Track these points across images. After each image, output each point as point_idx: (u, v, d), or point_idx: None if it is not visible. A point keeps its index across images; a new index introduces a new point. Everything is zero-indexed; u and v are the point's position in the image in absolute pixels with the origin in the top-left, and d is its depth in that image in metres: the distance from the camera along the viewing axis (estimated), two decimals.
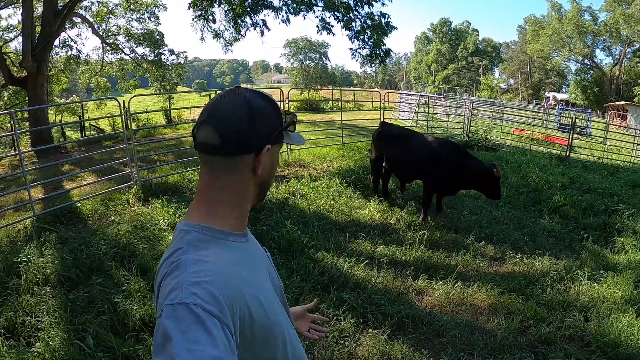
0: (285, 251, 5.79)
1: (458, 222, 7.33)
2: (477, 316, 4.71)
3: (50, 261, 5.34)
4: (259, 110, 1.19)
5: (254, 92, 1.24)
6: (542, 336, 4.28)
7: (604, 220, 7.56)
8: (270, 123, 1.22)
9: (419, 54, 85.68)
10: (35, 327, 4.21)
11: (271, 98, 1.26)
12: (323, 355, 3.87)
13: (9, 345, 3.91)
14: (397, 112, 22.50)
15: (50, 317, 4.29)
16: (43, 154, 13.83)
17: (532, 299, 4.99)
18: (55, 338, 3.95)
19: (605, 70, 58.41)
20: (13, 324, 4.26)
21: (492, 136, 15.55)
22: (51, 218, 7.07)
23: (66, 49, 24.09)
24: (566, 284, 5.39)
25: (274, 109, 1.25)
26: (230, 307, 1.02)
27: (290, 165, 10.47)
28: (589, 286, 5.30)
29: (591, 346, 4.15)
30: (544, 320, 4.55)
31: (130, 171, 8.58)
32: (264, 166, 1.22)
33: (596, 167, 12.11)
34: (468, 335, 4.31)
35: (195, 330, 0.92)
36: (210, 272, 1.04)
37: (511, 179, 9.67)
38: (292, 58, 67.26)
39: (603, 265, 5.95)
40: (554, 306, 4.87)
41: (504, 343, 4.16)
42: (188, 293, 0.97)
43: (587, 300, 5.03)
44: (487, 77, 72.24)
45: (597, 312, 4.70)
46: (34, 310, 4.44)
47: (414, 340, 4.17)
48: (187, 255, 1.09)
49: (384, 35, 13.79)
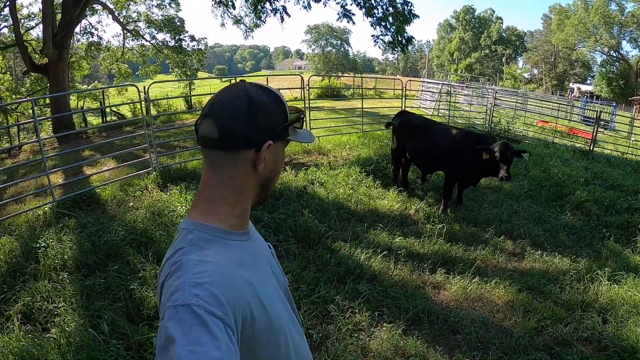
0: (302, 240, 5.78)
1: (478, 215, 7.23)
2: (494, 313, 4.64)
3: (68, 247, 5.39)
4: (261, 105, 1.17)
5: (258, 87, 1.22)
6: (559, 337, 4.22)
7: (626, 219, 7.40)
8: (273, 119, 1.19)
9: (442, 41, 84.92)
10: (52, 313, 4.25)
11: (276, 93, 1.23)
12: (337, 348, 3.84)
13: (25, 330, 3.95)
14: (418, 101, 22.30)
15: (66, 303, 4.34)
16: (64, 139, 14.00)
17: (550, 298, 4.91)
18: (71, 324, 3.99)
19: (631, 62, 57.21)
20: (30, 309, 4.31)
21: (515, 127, 15.33)
22: (70, 204, 7.13)
23: (87, 35, 24.36)
24: (585, 283, 5.28)
25: (278, 104, 1.22)
26: (233, 307, 1.02)
27: (309, 152, 10.41)
28: (608, 287, 5.19)
29: (608, 350, 4.07)
30: (562, 321, 4.48)
31: (150, 157, 8.61)
32: (266, 163, 1.20)
33: (620, 162, 11.86)
34: (484, 333, 4.26)
35: (197, 331, 0.92)
36: (212, 273, 1.04)
37: (533, 172, 9.52)
38: (313, 44, 67.24)
39: (624, 266, 5.82)
40: (572, 306, 4.78)
41: (519, 343, 4.10)
42: (190, 294, 0.97)
43: (606, 301, 4.93)
44: (511, 67, 71.24)
45: (616, 315, 4.60)
46: (51, 295, 4.48)
47: (428, 336, 4.14)
48: (189, 255, 1.08)
49: (406, 23, 13.62)
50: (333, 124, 13.59)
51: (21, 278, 4.85)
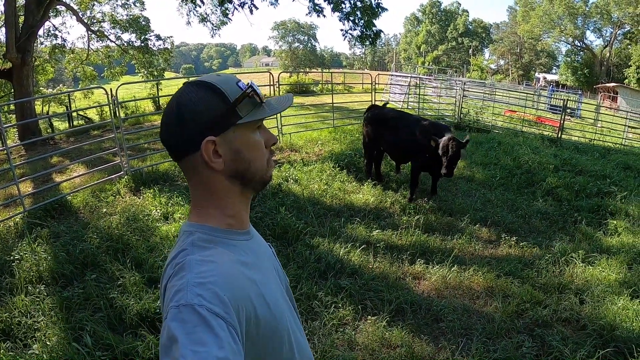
0: (281, 238, 5.79)
1: (452, 204, 7.33)
2: (475, 300, 4.72)
3: (43, 258, 5.26)
4: (188, 104, 1.12)
5: (191, 84, 1.16)
6: (539, 319, 4.30)
7: (596, 203, 7.58)
8: (207, 112, 1.12)
9: (409, 35, 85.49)
10: (32, 328, 4.15)
11: (209, 83, 1.15)
12: (324, 343, 3.86)
13: (5, 348, 3.86)
14: (387, 94, 22.41)
15: (46, 317, 4.25)
16: (31, 146, 13.67)
17: (528, 282, 5.01)
18: (52, 338, 3.92)
19: (595, 52, 58.58)
20: (9, 325, 4.20)
21: (484, 118, 15.54)
22: (42, 213, 6.94)
23: (51, 38, 23.87)
24: (561, 266, 5.40)
25: (214, 93, 1.13)
26: (236, 307, 1.01)
27: (281, 149, 10.40)
28: (583, 269, 5.32)
29: (587, 329, 4.17)
30: (540, 304, 4.57)
31: (120, 161, 8.47)
32: (224, 157, 1.14)
33: (588, 149, 12.10)
34: (466, 319, 4.33)
35: (200, 331, 0.91)
36: (214, 273, 1.03)
37: (504, 160, 9.67)
38: (280, 40, 67.04)
39: (597, 248, 5.98)
40: (549, 289, 4.89)
41: (501, 327, 4.18)
42: (193, 294, 0.96)
43: (582, 283, 5.06)
44: (477, 58, 72.05)
45: (592, 295, 4.71)
46: (29, 310, 4.38)
47: (413, 326, 4.18)
48: (191, 256, 1.07)
49: (374, 17, 13.70)
50: (303, 119, 13.57)
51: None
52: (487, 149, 10.63)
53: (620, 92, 38.06)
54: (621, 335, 4.01)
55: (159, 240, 5.70)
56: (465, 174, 8.91)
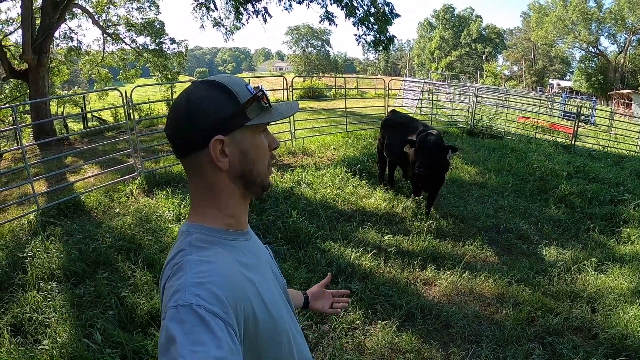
0: (292, 242, 5.79)
1: (464, 211, 7.30)
2: (485, 307, 4.70)
3: (55, 255, 5.33)
4: (199, 101, 1.13)
5: (201, 82, 1.18)
6: (550, 327, 4.27)
7: (610, 210, 7.51)
8: (218, 111, 1.13)
9: (422, 40, 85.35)
10: (42, 324, 4.19)
11: (220, 83, 1.17)
12: (332, 347, 3.87)
13: (16, 343, 3.90)
14: (400, 100, 22.39)
15: (57, 313, 4.28)
16: (46, 146, 13.82)
17: (539, 290, 4.97)
18: (63, 334, 3.95)
19: (610, 58, 58.02)
20: (20, 321, 4.24)
21: (497, 124, 15.47)
22: (55, 211, 7.03)
23: (67, 40, 24.07)
24: (573, 274, 5.36)
25: (224, 93, 1.15)
26: (234, 307, 1.02)
27: (294, 153, 10.43)
28: (595, 277, 5.27)
29: (598, 337, 4.13)
30: (552, 312, 4.54)
31: (134, 162, 8.55)
32: (230, 157, 1.15)
33: (601, 156, 12.01)
34: (476, 326, 4.31)
35: (199, 331, 0.91)
36: (213, 273, 1.03)
37: (517, 167, 9.62)
38: (294, 45, 67.17)
39: (609, 256, 5.92)
40: (561, 297, 4.85)
41: (512, 334, 4.15)
42: (191, 294, 0.97)
43: (594, 291, 5.01)
44: (491, 64, 71.78)
45: (604, 304, 4.68)
46: (40, 306, 4.42)
47: (422, 332, 4.17)
48: (189, 256, 1.08)
49: (387, 23, 13.70)
50: (316, 124, 13.59)
51: (9, 289, 4.78)
52: (500, 156, 10.60)
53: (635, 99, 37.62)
54: (633, 345, 3.97)
55: (171, 241, 5.73)
56: (478, 180, 8.88)
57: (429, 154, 6.40)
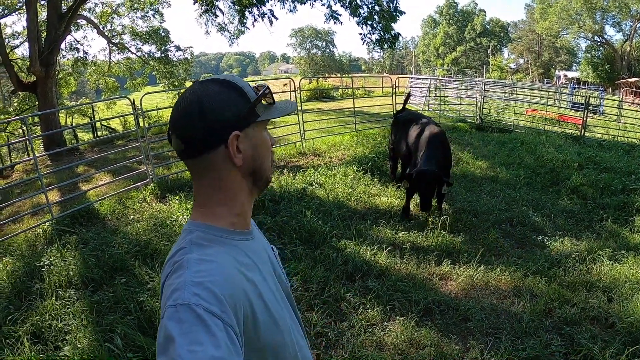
0: (307, 241, 5.83)
1: (477, 205, 7.29)
2: (502, 299, 4.71)
3: (72, 263, 5.40)
4: (211, 99, 1.14)
5: (208, 82, 1.19)
6: (567, 318, 4.28)
7: (622, 200, 7.48)
8: (232, 107, 1.15)
9: (426, 37, 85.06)
10: (62, 331, 4.24)
11: (229, 80, 1.20)
12: (352, 344, 3.90)
13: (36, 350, 3.95)
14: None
15: (76, 320, 4.34)
16: (57, 157, 13.97)
17: (555, 281, 4.97)
18: (83, 340, 4.00)
19: (616, 46, 57.52)
20: (39, 329, 4.30)
21: (505, 118, 15.44)
22: (69, 220, 7.12)
23: (73, 51, 24.35)
24: (588, 264, 5.35)
25: (234, 90, 1.18)
26: (233, 307, 1.01)
27: (305, 154, 10.47)
28: (610, 266, 5.25)
29: (616, 327, 4.14)
30: (568, 302, 4.54)
31: (146, 169, 8.62)
32: (244, 152, 1.17)
33: (612, 145, 11.97)
34: (494, 319, 4.32)
35: (197, 331, 0.91)
36: (212, 272, 1.03)
37: (527, 160, 9.61)
38: (298, 47, 67.34)
39: (624, 245, 5.89)
40: (577, 287, 4.85)
41: (530, 326, 4.16)
42: (190, 293, 0.97)
43: (609, 280, 5.00)
44: (496, 58, 71.51)
45: (620, 293, 4.67)
46: (59, 313, 4.48)
47: (441, 326, 4.20)
48: (190, 254, 1.08)
49: (392, 20, 13.72)
50: (325, 125, 13.61)
51: (27, 298, 4.85)
52: (510, 149, 10.59)
53: None
54: None
55: None
56: (489, 174, 8.88)
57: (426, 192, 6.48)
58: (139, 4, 25.07)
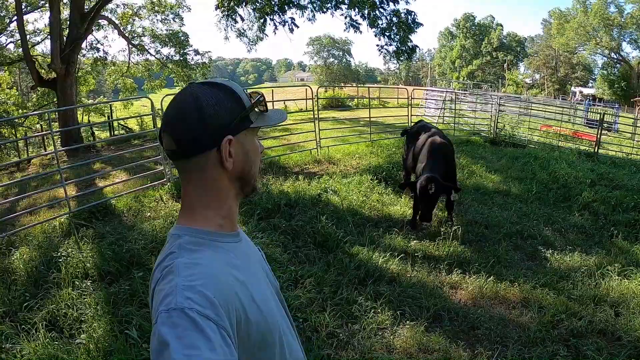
0: (321, 246, 5.96)
1: (488, 217, 7.36)
2: (510, 310, 4.79)
3: (89, 255, 5.54)
4: (208, 102, 1.13)
5: (205, 84, 1.19)
6: (574, 330, 4.34)
7: (633, 217, 7.51)
8: (227, 112, 1.15)
9: (443, 49, 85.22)
10: (78, 320, 4.35)
11: (226, 85, 1.20)
12: (363, 346, 4.00)
13: (51, 337, 4.05)
14: (423, 109, 22.44)
15: (92, 310, 4.45)
16: (73, 153, 14.16)
17: (563, 294, 5.04)
18: (99, 330, 4.11)
19: (632, 64, 57.26)
20: (55, 317, 4.42)
21: (519, 132, 15.46)
22: (86, 215, 7.27)
23: (93, 50, 24.65)
24: (597, 279, 5.40)
25: (231, 95, 1.18)
26: (226, 309, 1.02)
27: (320, 162, 10.61)
28: (619, 282, 5.31)
29: (622, 340, 4.20)
30: (576, 315, 4.61)
31: (163, 169, 8.77)
32: (235, 157, 1.17)
33: (625, 163, 11.97)
34: (502, 328, 4.41)
35: (191, 335, 0.91)
36: (203, 275, 1.04)
37: (540, 175, 9.66)
38: (315, 56, 67.65)
39: (633, 262, 5.94)
40: (585, 301, 4.91)
41: (537, 336, 4.24)
42: (182, 298, 0.97)
43: (617, 296, 5.05)
44: (512, 72, 71.40)
45: (628, 308, 4.73)
46: (76, 303, 4.60)
47: (450, 333, 4.29)
48: (179, 259, 1.08)
49: (410, 32, 13.85)
50: (340, 133, 13.72)
51: (44, 286, 4.99)
52: (523, 164, 10.65)
53: None
54: None
55: None
56: (502, 188, 8.95)
57: (428, 202, 6.45)
58: (159, 7, 25.36)
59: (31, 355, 3.80)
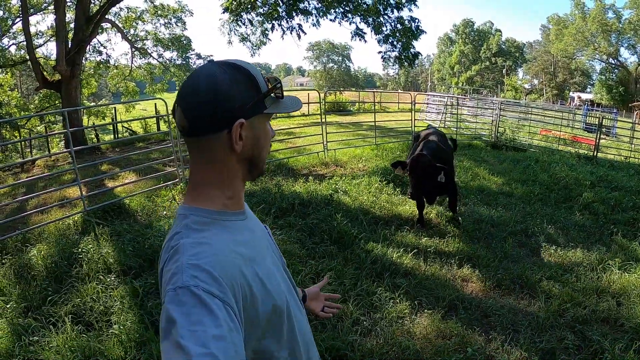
0: (337, 242, 6.22)
1: (494, 217, 7.61)
2: (519, 300, 5.05)
3: (111, 251, 5.74)
4: (225, 83, 1.14)
5: (225, 65, 1.18)
6: (579, 318, 4.59)
7: (632, 216, 7.78)
8: (243, 95, 1.16)
9: (442, 55, 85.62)
10: (104, 312, 4.55)
11: (245, 67, 1.19)
12: (385, 332, 4.28)
13: (77, 330, 4.22)
14: (424, 114, 22.70)
15: (119, 302, 4.66)
16: (79, 154, 14.31)
17: (568, 286, 5.28)
18: (127, 322, 4.30)
19: (630, 69, 57.66)
20: (80, 310, 4.60)
21: (520, 137, 15.74)
22: (100, 213, 7.46)
23: (96, 53, 24.85)
24: (598, 273, 5.64)
25: (248, 79, 1.18)
26: (231, 286, 1.04)
27: (327, 164, 10.89)
28: (620, 275, 5.54)
29: (624, 327, 4.46)
30: (580, 304, 4.85)
31: (176, 169, 9.00)
32: (245, 140, 1.18)
33: (623, 166, 12.26)
34: (512, 316, 4.67)
35: (198, 312, 0.94)
36: (208, 254, 1.06)
37: (541, 177, 9.93)
38: (314, 61, 67.82)
39: (633, 257, 6.18)
40: (588, 292, 5.14)
41: (545, 323, 4.50)
42: (188, 276, 1.00)
43: (618, 287, 5.29)
44: (511, 78, 71.79)
45: (629, 298, 4.98)
46: (101, 296, 4.79)
47: (465, 320, 4.55)
48: (185, 238, 1.10)
49: (413, 38, 14.09)
50: (344, 137, 13.92)
51: (67, 281, 5.16)
52: (524, 167, 10.92)
53: None
54: None
55: None
56: (505, 189, 9.21)
57: (418, 178, 6.40)
58: (162, 11, 25.63)
59: (60, 347, 3.93)
